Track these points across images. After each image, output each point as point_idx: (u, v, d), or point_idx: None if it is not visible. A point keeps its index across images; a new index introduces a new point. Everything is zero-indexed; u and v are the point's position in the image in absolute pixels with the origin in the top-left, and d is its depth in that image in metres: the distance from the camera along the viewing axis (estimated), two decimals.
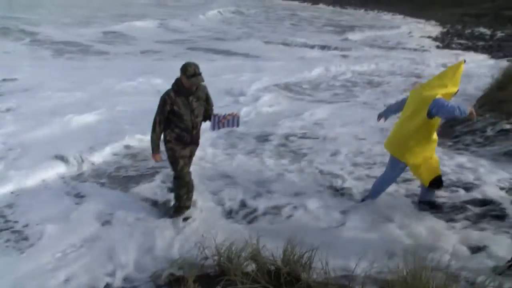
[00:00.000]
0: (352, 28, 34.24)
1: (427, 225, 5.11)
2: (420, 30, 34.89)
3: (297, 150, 7.98)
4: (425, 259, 3.10)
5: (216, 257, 3.61)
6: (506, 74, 11.57)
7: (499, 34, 32.19)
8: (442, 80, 4.88)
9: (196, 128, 5.29)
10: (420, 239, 4.71)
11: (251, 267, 3.46)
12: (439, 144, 8.16)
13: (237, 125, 5.44)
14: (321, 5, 63.34)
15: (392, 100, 10.72)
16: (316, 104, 11.59)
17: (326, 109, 10.98)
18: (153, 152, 5.22)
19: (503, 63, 17.86)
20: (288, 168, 7.09)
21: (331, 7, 61.51)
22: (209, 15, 36.11)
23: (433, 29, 35.96)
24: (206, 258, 3.60)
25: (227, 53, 20.25)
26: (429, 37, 30.46)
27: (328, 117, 10.25)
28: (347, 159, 7.51)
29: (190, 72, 4.97)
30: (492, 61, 19.93)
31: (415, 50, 24.15)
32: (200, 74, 5.01)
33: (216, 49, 20.95)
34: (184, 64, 5.06)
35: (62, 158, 7.18)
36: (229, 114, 5.39)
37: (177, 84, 5.08)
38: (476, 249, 4.54)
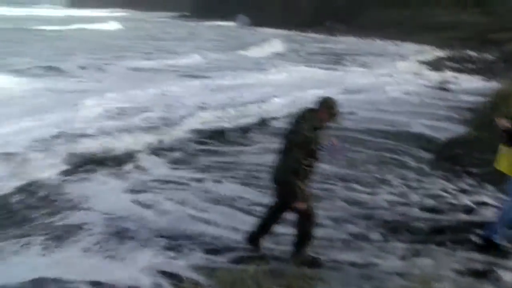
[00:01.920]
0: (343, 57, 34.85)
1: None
2: (413, 54, 34.85)
3: None
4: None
5: None
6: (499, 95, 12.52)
7: (487, 56, 33.16)
8: None
9: None
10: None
11: None
12: None
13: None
14: (311, 34, 63.69)
15: None
16: None
17: None
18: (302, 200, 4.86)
19: (494, 84, 18.73)
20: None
21: (322, 35, 61.95)
22: None
23: (429, 54, 35.21)
24: None
25: None
26: (422, 61, 30.60)
27: None
28: None
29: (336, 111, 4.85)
30: (484, 83, 20.87)
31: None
32: None
33: None
34: (330, 100, 4.86)
35: None
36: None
37: (316, 119, 4.75)
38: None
